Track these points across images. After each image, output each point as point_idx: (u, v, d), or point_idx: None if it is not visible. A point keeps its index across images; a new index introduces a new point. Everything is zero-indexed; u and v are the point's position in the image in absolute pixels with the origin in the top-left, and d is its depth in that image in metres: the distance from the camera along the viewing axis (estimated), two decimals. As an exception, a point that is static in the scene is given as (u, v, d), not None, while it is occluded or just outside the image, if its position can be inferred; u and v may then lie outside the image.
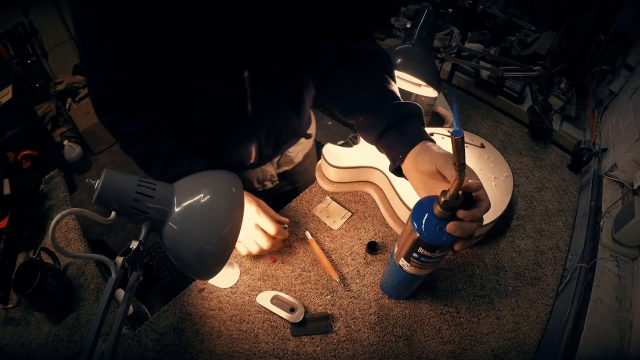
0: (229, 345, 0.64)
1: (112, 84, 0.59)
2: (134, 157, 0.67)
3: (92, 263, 0.79)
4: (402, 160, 0.56)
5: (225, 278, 0.71)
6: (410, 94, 0.93)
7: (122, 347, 0.64)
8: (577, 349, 0.57)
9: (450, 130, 0.43)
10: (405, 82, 0.90)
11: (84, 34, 0.55)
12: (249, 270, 0.74)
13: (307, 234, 0.78)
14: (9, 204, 0.84)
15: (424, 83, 0.82)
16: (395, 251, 0.61)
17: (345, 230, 0.81)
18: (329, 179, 0.87)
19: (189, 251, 0.46)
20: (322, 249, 0.77)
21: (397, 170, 0.58)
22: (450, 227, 0.46)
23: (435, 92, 0.84)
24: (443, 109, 1.04)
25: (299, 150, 0.95)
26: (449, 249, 0.51)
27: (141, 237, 0.45)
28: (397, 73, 0.73)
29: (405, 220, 0.77)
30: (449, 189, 0.47)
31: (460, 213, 0.46)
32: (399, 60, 0.79)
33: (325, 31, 0.65)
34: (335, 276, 0.71)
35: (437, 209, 0.49)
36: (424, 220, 0.50)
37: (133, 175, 0.44)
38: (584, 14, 1.29)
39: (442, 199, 0.47)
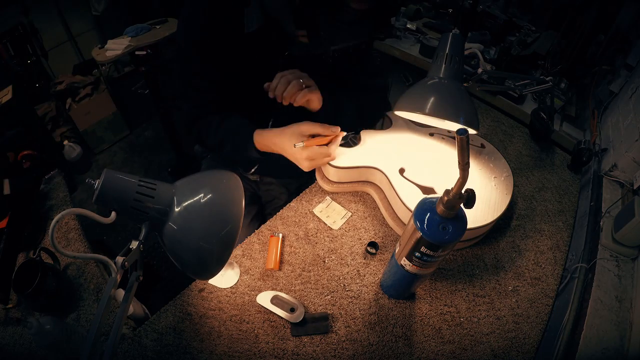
0: (229, 345, 0.64)
1: (206, 100, 0.84)
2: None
3: (92, 263, 0.79)
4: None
5: (225, 278, 0.71)
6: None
7: (122, 347, 0.64)
8: (577, 349, 0.57)
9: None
10: (439, 121, 0.76)
11: (186, 68, 0.80)
12: (249, 270, 0.74)
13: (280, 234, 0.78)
14: (9, 204, 0.84)
15: (460, 124, 0.68)
16: (396, 251, 0.61)
17: (345, 230, 0.81)
18: (329, 179, 0.87)
19: (188, 251, 0.46)
20: (322, 249, 0.77)
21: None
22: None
23: (474, 131, 0.68)
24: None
25: None
26: (451, 248, 0.52)
27: (141, 237, 0.45)
28: (428, 116, 0.70)
29: (405, 220, 0.77)
30: (452, 188, 0.47)
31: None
32: (432, 98, 0.66)
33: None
34: (273, 267, 0.73)
35: (440, 208, 0.49)
36: (426, 219, 0.50)
37: (133, 175, 0.44)
38: (584, 13, 1.29)
39: (445, 198, 0.48)
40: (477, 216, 0.73)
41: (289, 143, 0.73)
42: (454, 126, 0.77)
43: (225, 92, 0.84)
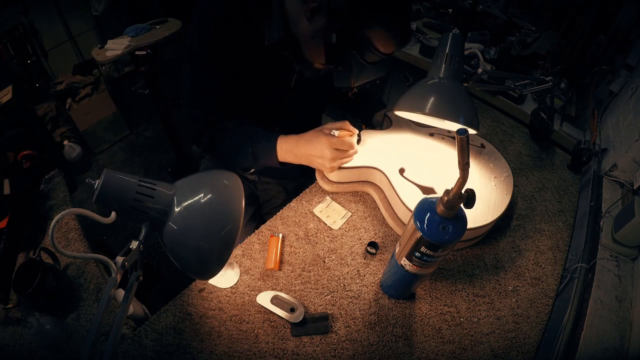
0: (229, 345, 0.64)
1: (214, 110, 0.84)
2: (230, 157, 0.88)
3: (92, 263, 0.79)
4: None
5: (225, 278, 0.71)
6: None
7: (122, 347, 0.64)
8: (577, 349, 0.57)
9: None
10: (439, 121, 0.76)
11: (198, 70, 0.79)
12: (249, 270, 0.74)
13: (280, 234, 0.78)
14: (9, 204, 0.84)
15: (460, 124, 0.68)
16: (396, 251, 0.61)
17: (345, 230, 0.81)
18: (329, 179, 0.87)
19: (189, 251, 0.46)
20: (322, 249, 0.77)
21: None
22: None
23: (474, 131, 0.69)
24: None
25: None
26: (451, 248, 0.52)
27: (141, 237, 0.45)
28: (428, 116, 0.71)
29: (405, 220, 0.77)
30: (452, 188, 0.47)
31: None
32: (432, 98, 0.67)
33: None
34: (273, 267, 0.73)
35: (440, 208, 0.49)
36: (426, 220, 0.50)
37: (133, 175, 0.44)
38: (584, 13, 1.29)
39: (445, 198, 0.48)
40: (477, 216, 0.73)
41: (317, 142, 0.76)
42: (454, 126, 0.77)
43: (233, 99, 0.83)
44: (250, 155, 0.80)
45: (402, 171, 0.81)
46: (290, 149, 0.78)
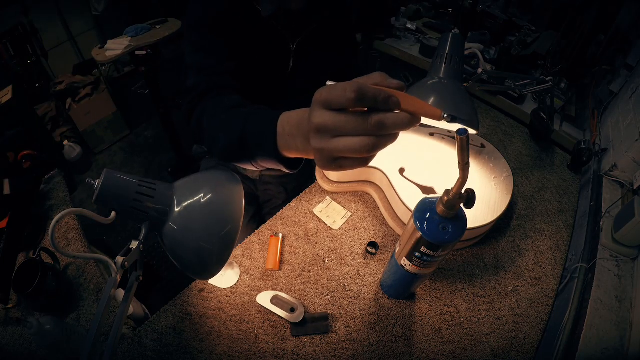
0: (229, 345, 0.64)
1: (221, 67, 0.73)
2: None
3: (92, 263, 0.79)
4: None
5: (225, 278, 0.71)
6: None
7: (122, 347, 0.64)
8: (577, 349, 0.57)
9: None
10: (438, 122, 0.79)
11: (200, 49, 0.73)
12: (249, 270, 0.74)
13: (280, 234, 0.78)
14: (9, 204, 0.84)
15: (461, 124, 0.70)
16: (396, 251, 0.61)
17: (345, 230, 0.81)
18: (329, 179, 0.87)
19: (188, 251, 0.46)
20: (322, 249, 0.77)
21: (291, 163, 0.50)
22: None
23: (474, 131, 0.68)
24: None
25: None
26: (451, 248, 0.51)
27: (141, 237, 0.45)
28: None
29: (405, 220, 0.77)
30: (452, 188, 0.47)
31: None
32: (432, 98, 0.66)
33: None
34: (273, 267, 0.73)
35: (440, 208, 0.49)
36: (426, 219, 0.50)
37: (133, 175, 0.44)
38: (584, 13, 1.29)
39: (445, 198, 0.48)
40: (477, 216, 0.73)
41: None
42: (454, 126, 0.77)
43: (233, 74, 0.76)
44: (237, 146, 0.56)
45: (402, 171, 0.81)
46: (291, 132, 0.60)
